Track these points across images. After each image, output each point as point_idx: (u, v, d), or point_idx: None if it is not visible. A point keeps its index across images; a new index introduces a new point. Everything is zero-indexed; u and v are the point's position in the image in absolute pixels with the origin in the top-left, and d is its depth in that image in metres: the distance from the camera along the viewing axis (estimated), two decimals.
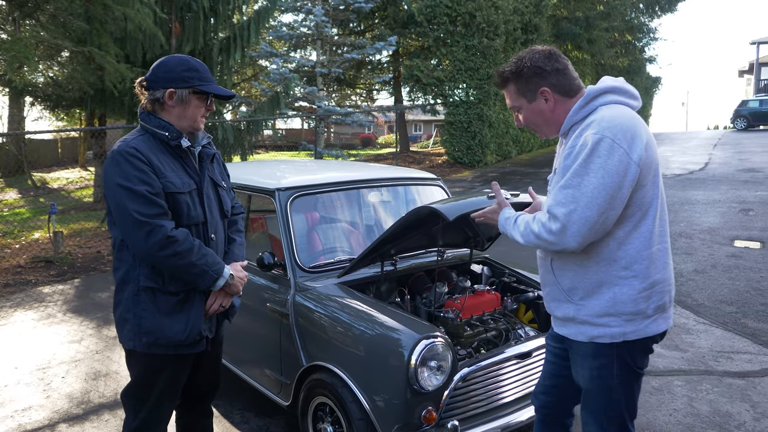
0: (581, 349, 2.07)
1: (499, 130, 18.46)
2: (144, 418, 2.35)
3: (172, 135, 2.26)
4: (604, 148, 1.86)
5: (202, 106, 2.32)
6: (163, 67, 2.28)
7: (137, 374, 2.36)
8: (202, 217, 2.33)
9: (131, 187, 2.14)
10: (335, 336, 2.86)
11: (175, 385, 2.40)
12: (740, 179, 12.02)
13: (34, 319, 5.65)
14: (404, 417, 2.55)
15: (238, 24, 12.52)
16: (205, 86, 2.29)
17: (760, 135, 23.09)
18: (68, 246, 8.69)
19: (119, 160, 2.17)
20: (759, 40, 36.83)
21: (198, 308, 2.32)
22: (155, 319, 2.24)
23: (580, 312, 2.03)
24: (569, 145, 1.97)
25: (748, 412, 3.56)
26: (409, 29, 18.53)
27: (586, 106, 2.01)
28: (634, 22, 27.06)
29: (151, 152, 2.22)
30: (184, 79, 2.26)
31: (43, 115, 17.52)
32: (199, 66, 2.32)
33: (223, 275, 2.29)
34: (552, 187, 2.07)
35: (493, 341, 3.06)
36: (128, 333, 2.28)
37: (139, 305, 2.25)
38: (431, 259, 3.56)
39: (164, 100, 2.26)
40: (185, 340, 2.28)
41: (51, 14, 10.09)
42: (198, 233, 2.31)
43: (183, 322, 2.27)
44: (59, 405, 3.85)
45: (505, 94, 2.17)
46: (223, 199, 2.49)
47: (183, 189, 2.26)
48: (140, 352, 2.29)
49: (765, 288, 5.77)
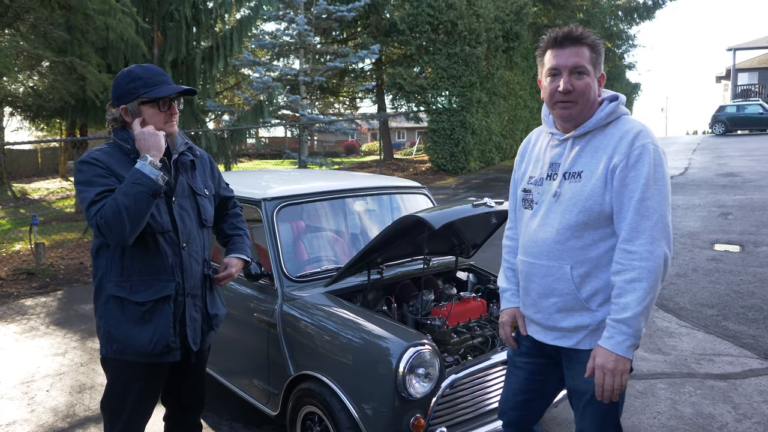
0: (584, 356, 2.02)
1: (482, 137, 18.59)
2: (120, 430, 2.34)
3: (132, 147, 2.23)
4: (659, 156, 1.92)
5: (160, 113, 2.24)
6: (114, 86, 2.25)
7: (110, 381, 2.36)
8: (169, 226, 2.27)
9: (87, 179, 2.15)
10: (323, 345, 2.87)
11: (148, 395, 2.38)
12: (719, 183, 12.21)
13: (17, 332, 5.58)
14: (393, 425, 2.57)
15: (220, 33, 12.52)
16: (150, 92, 2.20)
17: (738, 140, 23.49)
18: (50, 257, 8.59)
19: (80, 167, 2.19)
20: (735, 47, 37.50)
21: (166, 319, 2.26)
22: (123, 328, 2.24)
23: (595, 318, 2.00)
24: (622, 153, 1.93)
25: (730, 414, 3.63)
26: (392, 37, 18.63)
27: (614, 112, 2.01)
28: (614, 29, 27.47)
29: (117, 162, 2.20)
30: (129, 91, 2.21)
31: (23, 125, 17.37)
32: (144, 72, 2.23)
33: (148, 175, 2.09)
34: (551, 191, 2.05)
35: (480, 348, 3.09)
36: (102, 339, 2.30)
37: (108, 313, 2.26)
38: (417, 267, 3.59)
39: (121, 118, 2.25)
40: (152, 351, 2.25)
41: (31, 24, 10.03)
42: (166, 241, 2.26)
43: (150, 332, 2.24)
44: (44, 419, 3.81)
45: (570, 53, 1.97)
46: (202, 208, 2.42)
47: None
48: (112, 359, 2.30)
49: (745, 291, 5.88)
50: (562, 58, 1.98)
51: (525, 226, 2.17)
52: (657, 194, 1.90)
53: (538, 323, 2.15)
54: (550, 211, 2.06)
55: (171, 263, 2.28)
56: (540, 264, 2.08)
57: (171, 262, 2.28)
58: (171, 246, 2.28)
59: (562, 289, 2.02)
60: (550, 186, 2.07)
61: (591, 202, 1.95)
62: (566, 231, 2.00)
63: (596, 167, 1.96)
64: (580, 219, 1.98)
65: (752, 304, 5.50)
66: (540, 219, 2.09)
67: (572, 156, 2.04)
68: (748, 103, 27.18)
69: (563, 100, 1.99)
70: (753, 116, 26.20)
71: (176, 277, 2.29)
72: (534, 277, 2.11)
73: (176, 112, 2.31)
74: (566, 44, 1.98)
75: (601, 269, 1.98)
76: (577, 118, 2.02)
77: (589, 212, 1.96)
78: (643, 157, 1.90)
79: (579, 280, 2.00)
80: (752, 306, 5.46)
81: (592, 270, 1.99)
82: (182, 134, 2.44)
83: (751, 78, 38.27)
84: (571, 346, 2.06)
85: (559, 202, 2.03)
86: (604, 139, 1.99)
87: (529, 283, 2.13)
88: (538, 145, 2.20)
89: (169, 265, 2.27)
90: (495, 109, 19.32)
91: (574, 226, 1.99)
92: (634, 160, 1.91)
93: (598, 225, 1.97)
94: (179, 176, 2.35)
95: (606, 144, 1.97)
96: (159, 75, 2.26)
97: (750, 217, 8.96)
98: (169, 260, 2.27)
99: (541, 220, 2.08)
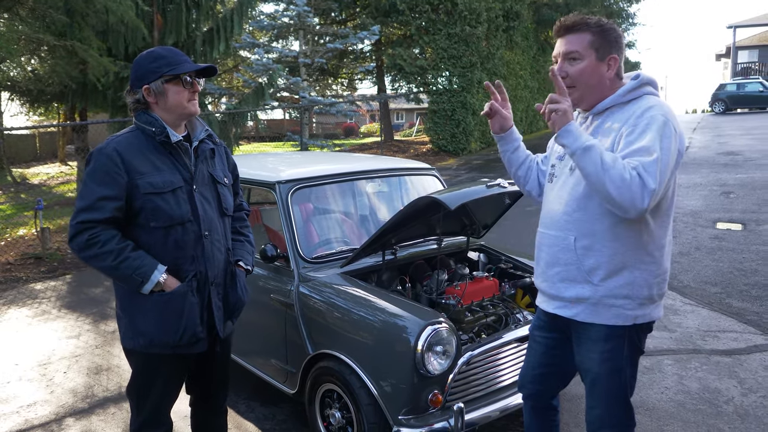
0: (592, 334, 2.09)
1: (482, 117, 18.47)
2: (146, 416, 2.38)
3: (158, 130, 2.24)
4: (669, 129, 1.90)
5: (185, 90, 2.27)
6: (135, 67, 2.27)
7: (136, 372, 2.38)
8: (189, 215, 2.27)
9: (89, 185, 2.16)
10: (341, 324, 2.93)
11: (174, 383, 2.41)
12: (720, 162, 12.25)
13: (29, 315, 5.65)
14: (411, 401, 2.64)
15: (221, 15, 12.43)
16: (174, 69, 2.23)
17: (738, 118, 23.48)
18: (56, 242, 8.64)
19: (97, 157, 2.19)
20: (735, 24, 37.25)
21: (192, 309, 2.27)
22: (149, 322, 2.23)
23: (596, 292, 2.04)
24: (630, 123, 1.93)
25: (735, 388, 3.71)
26: (391, 18, 18.51)
27: (636, 90, 2.03)
28: (614, 7, 27.28)
29: (137, 150, 2.21)
30: (152, 71, 2.23)
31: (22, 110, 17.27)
32: (167, 52, 2.27)
33: (150, 279, 2.18)
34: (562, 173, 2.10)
35: (493, 326, 3.15)
36: (126, 332, 2.30)
37: (133, 306, 2.26)
38: (429, 247, 3.64)
39: (145, 99, 2.26)
40: (179, 342, 2.26)
41: (30, 8, 9.94)
42: (185, 231, 2.26)
43: (177, 324, 2.24)
44: (64, 400, 3.88)
45: (565, 41, 2.06)
46: (222, 197, 2.42)
47: (163, 189, 2.21)
48: (137, 351, 2.30)
49: (747, 269, 5.95)
50: (558, 47, 2.09)
51: (545, 200, 2.25)
52: (662, 149, 1.85)
53: (543, 292, 2.24)
54: (564, 185, 2.13)
55: (193, 253, 2.28)
56: (549, 234, 2.16)
57: (193, 252, 2.28)
58: (193, 235, 2.28)
59: (566, 259, 2.09)
60: (568, 161, 2.13)
61: None
62: (574, 202, 2.07)
63: (606, 142, 2.01)
64: (587, 191, 2.02)
65: (755, 282, 5.57)
66: (555, 192, 2.17)
67: (590, 132, 2.09)
68: (749, 81, 27.13)
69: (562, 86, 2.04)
70: (753, 94, 26.16)
71: (199, 266, 2.29)
72: (543, 246, 2.19)
73: (198, 89, 2.33)
74: (562, 33, 2.08)
75: (605, 243, 2.02)
76: (582, 102, 2.09)
77: None
78: (650, 125, 1.90)
79: (582, 251, 2.05)
80: (755, 283, 5.53)
81: (596, 243, 2.03)
82: (201, 121, 2.44)
83: (752, 56, 38.08)
84: (570, 316, 2.12)
85: (573, 175, 2.09)
86: (621, 115, 2.02)
87: (540, 252, 2.22)
88: None
89: (191, 256, 2.28)
90: None
91: (580, 198, 2.05)
92: (640, 130, 1.91)
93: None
94: (199, 164, 2.35)
95: (621, 119, 2.01)
96: (180, 55, 2.29)
97: (751, 196, 9.02)
98: (190, 250, 2.28)
99: (556, 192, 2.16)
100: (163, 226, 2.21)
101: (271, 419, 3.53)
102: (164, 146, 2.27)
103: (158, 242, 2.23)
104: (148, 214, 2.20)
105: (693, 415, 3.42)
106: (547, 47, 24.41)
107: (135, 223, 2.23)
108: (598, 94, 2.07)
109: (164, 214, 2.21)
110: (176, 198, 2.24)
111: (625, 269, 2.02)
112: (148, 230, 2.22)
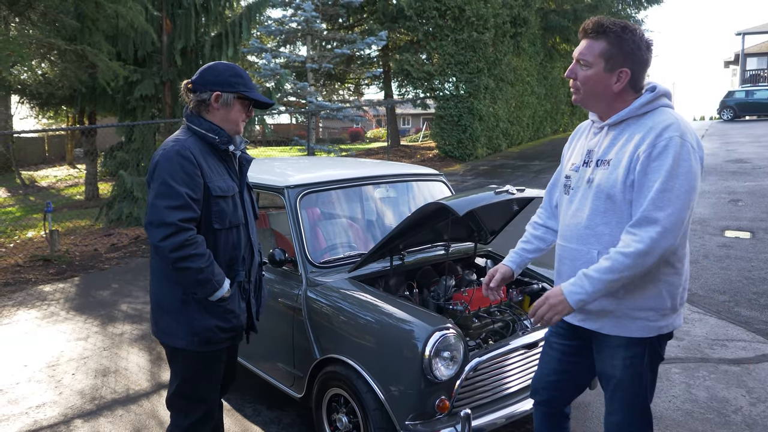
0: (612, 341, 2.08)
1: (489, 123, 18.56)
2: (199, 416, 2.47)
3: (222, 139, 2.38)
4: (687, 152, 1.90)
5: (244, 112, 2.45)
6: (211, 71, 2.39)
7: (185, 372, 2.44)
8: (243, 219, 2.48)
9: (174, 186, 2.23)
10: (348, 329, 2.94)
11: (219, 377, 2.54)
12: (728, 170, 12.21)
13: (38, 317, 5.68)
14: (419, 406, 2.64)
15: (229, 20, 12.50)
16: (249, 92, 2.41)
17: (747, 125, 23.39)
18: (64, 244, 8.69)
19: (174, 159, 2.26)
20: (744, 31, 37.13)
21: (239, 305, 2.47)
22: (206, 320, 2.37)
23: (621, 305, 2.03)
24: (648, 143, 1.93)
25: (744, 398, 3.69)
26: (399, 23, 18.56)
27: (650, 103, 2.02)
28: (622, 14, 27.19)
29: (201, 155, 2.33)
30: (231, 83, 2.38)
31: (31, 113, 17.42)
32: (244, 74, 2.43)
33: (223, 287, 2.35)
34: (591, 178, 2.08)
35: (500, 332, 3.15)
36: (180, 333, 2.37)
37: (189, 308, 2.36)
38: (436, 253, 3.65)
39: (210, 102, 2.38)
40: (230, 336, 2.45)
41: (42, 12, 10.04)
42: (239, 234, 2.44)
43: (230, 319, 2.42)
44: (72, 401, 3.90)
45: (583, 43, 2.07)
46: (254, 202, 2.65)
47: (228, 193, 2.37)
48: (191, 350, 2.40)
49: (756, 277, 5.92)
50: (577, 48, 2.10)
51: (563, 212, 2.23)
52: (677, 188, 1.88)
53: None
54: (583, 197, 2.12)
55: (243, 254, 2.48)
56: (571, 247, 2.15)
57: (243, 254, 2.48)
58: (244, 238, 2.49)
59: None
60: (585, 172, 2.13)
61: (615, 190, 2.00)
62: (595, 216, 2.06)
63: (623, 156, 2.00)
64: (608, 206, 2.03)
65: (764, 290, 5.54)
66: (575, 204, 2.15)
67: (605, 144, 2.09)
68: (757, 89, 26.98)
69: (571, 86, 2.13)
70: (762, 101, 26.01)
71: (246, 266, 2.50)
72: (565, 260, 2.18)
73: (251, 116, 2.55)
74: (582, 35, 2.09)
75: None
76: (596, 107, 2.11)
77: (613, 200, 2.01)
78: (667, 150, 1.90)
79: None
80: (764, 292, 5.51)
81: None
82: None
83: (760, 63, 37.91)
84: (595, 329, 2.12)
85: (591, 188, 2.08)
86: (637, 129, 2.01)
87: (561, 266, 2.20)
88: (585, 134, 2.25)
89: (242, 257, 2.47)
90: (502, 95, 19.27)
91: (603, 212, 2.04)
92: (658, 152, 1.91)
93: (623, 213, 2.01)
94: (243, 172, 2.54)
95: (637, 134, 2.00)
96: (252, 81, 2.49)
97: (760, 204, 8.98)
98: (242, 251, 2.47)
99: (576, 205, 2.15)
100: (224, 228, 2.38)
101: (277, 423, 3.53)
102: (219, 153, 2.42)
103: (219, 243, 2.38)
104: (215, 217, 2.34)
105: (701, 424, 3.41)
106: (555, 53, 24.40)
107: (199, 224, 2.35)
108: (602, 102, 2.08)
109: (227, 216, 2.37)
110: (234, 203, 2.42)
111: (649, 282, 2.01)
112: (211, 232, 2.36)
